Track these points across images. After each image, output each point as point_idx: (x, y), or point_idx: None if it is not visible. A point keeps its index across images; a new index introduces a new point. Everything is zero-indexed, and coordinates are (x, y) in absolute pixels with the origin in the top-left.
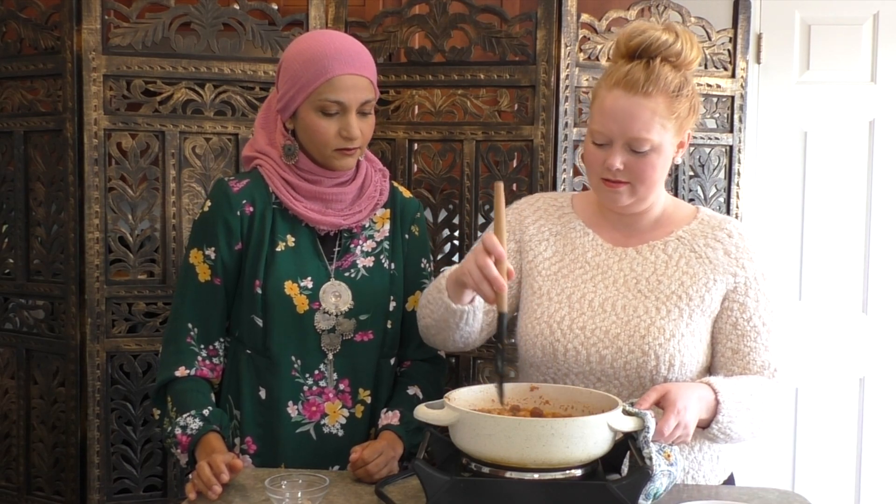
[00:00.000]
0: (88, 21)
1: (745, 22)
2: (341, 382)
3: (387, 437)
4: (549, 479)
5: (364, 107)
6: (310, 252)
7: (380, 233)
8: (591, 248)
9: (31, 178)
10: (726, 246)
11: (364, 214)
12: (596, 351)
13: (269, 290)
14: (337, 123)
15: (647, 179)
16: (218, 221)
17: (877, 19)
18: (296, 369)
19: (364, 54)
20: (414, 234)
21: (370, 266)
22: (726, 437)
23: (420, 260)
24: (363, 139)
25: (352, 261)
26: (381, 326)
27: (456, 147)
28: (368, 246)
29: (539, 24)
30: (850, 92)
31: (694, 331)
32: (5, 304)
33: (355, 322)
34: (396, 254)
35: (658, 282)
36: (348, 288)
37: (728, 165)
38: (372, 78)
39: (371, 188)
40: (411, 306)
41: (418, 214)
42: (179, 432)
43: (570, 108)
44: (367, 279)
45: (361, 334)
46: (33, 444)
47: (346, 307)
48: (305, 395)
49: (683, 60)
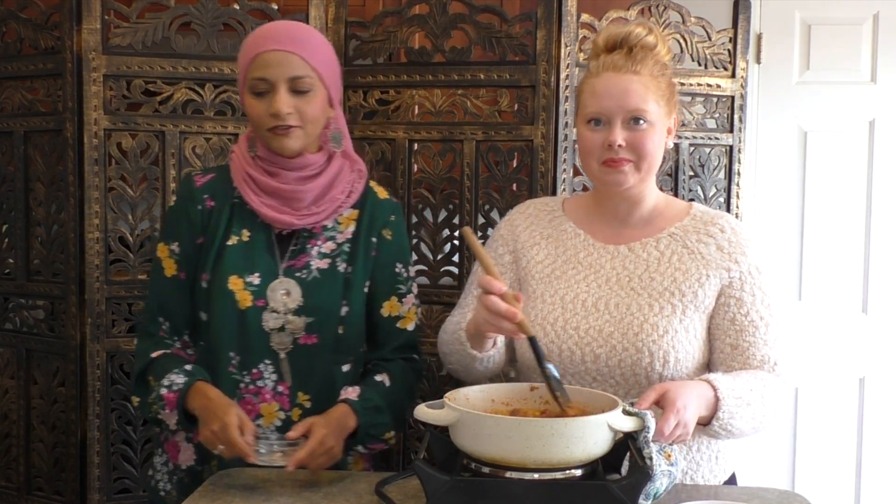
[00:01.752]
0: (88, 21)
1: (745, 22)
2: (281, 384)
3: (341, 409)
4: (549, 479)
5: (297, 83)
6: (262, 248)
7: (343, 234)
8: (583, 247)
9: (31, 178)
10: (719, 241)
11: (322, 216)
12: (590, 350)
13: (212, 283)
14: (267, 102)
15: (648, 154)
16: (181, 216)
17: (877, 19)
18: (234, 366)
19: (297, 32)
20: (385, 237)
21: (324, 268)
22: (728, 433)
23: (394, 265)
24: (302, 118)
25: (306, 261)
26: (329, 331)
27: (456, 147)
28: (327, 247)
29: (539, 24)
30: (850, 92)
31: (688, 327)
32: (5, 304)
33: (303, 323)
34: (357, 257)
35: (651, 279)
36: (298, 287)
37: (728, 165)
38: (306, 55)
39: (338, 188)
40: (387, 312)
41: (392, 217)
42: (165, 391)
43: (570, 108)
44: (318, 281)
45: (306, 337)
46: (33, 444)
47: (295, 305)
48: (241, 392)
49: (658, 52)
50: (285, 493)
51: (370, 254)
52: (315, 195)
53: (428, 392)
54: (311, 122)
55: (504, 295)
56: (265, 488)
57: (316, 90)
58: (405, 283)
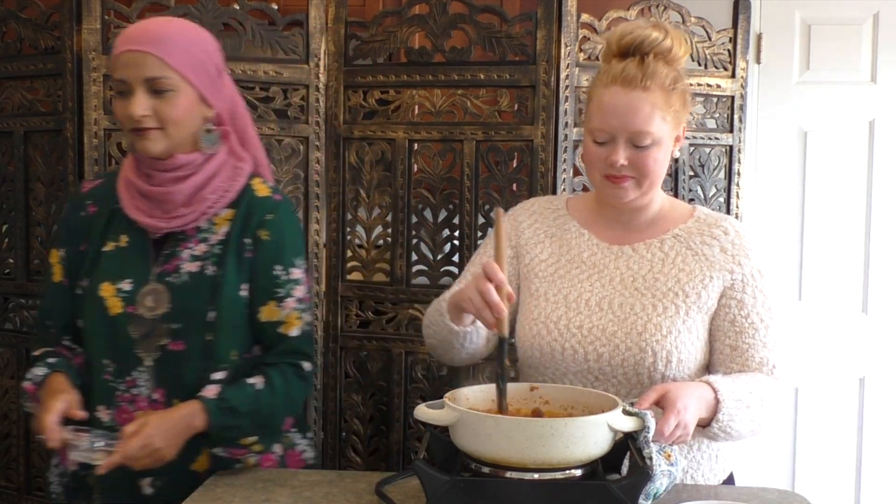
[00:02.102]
0: (88, 21)
1: (745, 22)
2: (156, 392)
3: (188, 408)
4: (549, 479)
5: (155, 84)
6: (137, 253)
7: (216, 236)
8: (587, 247)
9: (31, 178)
10: (723, 243)
11: (190, 218)
12: (593, 349)
13: (87, 290)
14: (127, 104)
15: (650, 173)
16: (65, 222)
17: (877, 19)
18: (109, 374)
19: (158, 32)
20: (262, 238)
21: (194, 272)
22: (727, 435)
23: (272, 267)
24: (161, 120)
25: (177, 265)
26: (196, 338)
27: (456, 147)
28: (200, 250)
29: (539, 24)
30: (850, 92)
31: (691, 328)
32: (5, 304)
33: (169, 329)
34: (228, 260)
35: (654, 279)
36: (167, 291)
37: (728, 165)
38: (165, 55)
39: (211, 188)
40: (265, 317)
41: (269, 216)
42: (27, 384)
43: (570, 108)
44: (187, 286)
45: (174, 343)
46: (33, 444)
47: (161, 311)
48: (117, 400)
49: (674, 56)
50: (285, 493)
51: (244, 255)
52: (186, 196)
53: (428, 392)
54: (174, 124)
55: (501, 288)
56: (265, 488)
57: (179, 91)
58: (284, 287)
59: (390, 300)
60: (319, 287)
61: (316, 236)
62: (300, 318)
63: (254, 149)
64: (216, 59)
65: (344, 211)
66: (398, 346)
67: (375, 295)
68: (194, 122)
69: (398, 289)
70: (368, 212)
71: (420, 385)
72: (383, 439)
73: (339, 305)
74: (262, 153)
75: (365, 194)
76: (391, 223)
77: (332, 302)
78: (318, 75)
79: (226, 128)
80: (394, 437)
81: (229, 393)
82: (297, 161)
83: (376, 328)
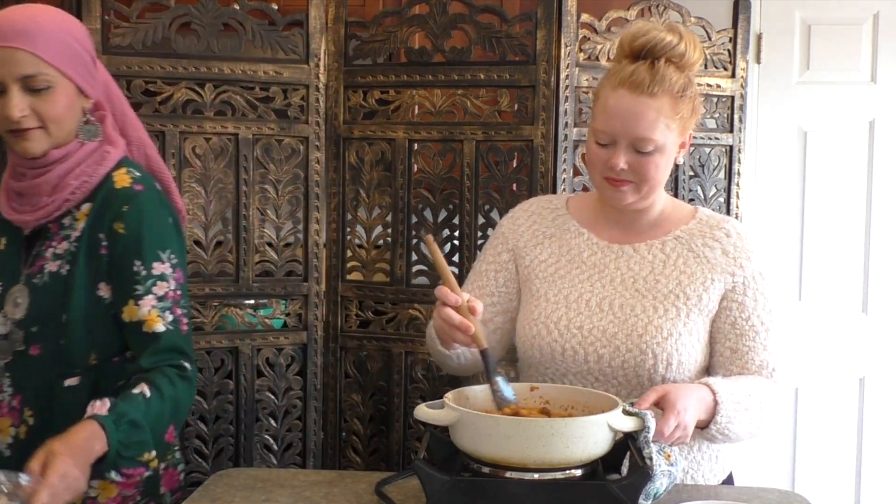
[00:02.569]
0: (88, 21)
1: (745, 22)
2: (15, 398)
3: (87, 430)
4: (549, 479)
5: (30, 82)
6: (11, 254)
7: (76, 232)
8: (587, 247)
9: None
10: (724, 245)
11: (51, 209)
12: (594, 350)
13: None
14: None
15: (650, 179)
16: None
17: (877, 19)
18: None
19: (26, 24)
20: (117, 232)
21: (54, 272)
22: (725, 437)
23: (131, 263)
24: (41, 119)
25: (41, 265)
26: (51, 342)
27: (456, 147)
28: (62, 248)
29: (539, 24)
30: (850, 92)
31: (691, 330)
32: None
33: (24, 333)
34: (79, 258)
35: (656, 281)
36: (29, 294)
37: (728, 165)
38: (36, 50)
39: (74, 174)
40: (128, 317)
41: (125, 208)
42: None
43: (570, 108)
44: (46, 287)
45: (34, 347)
46: None
47: (20, 315)
48: None
49: (687, 61)
50: (285, 493)
51: (98, 252)
52: (50, 188)
53: (428, 392)
54: (55, 122)
55: (460, 307)
56: (265, 488)
57: (57, 86)
58: (143, 283)
59: (390, 300)
60: (320, 287)
61: (316, 236)
62: (160, 317)
63: (133, 129)
64: (88, 46)
65: (344, 211)
66: (398, 346)
67: (375, 295)
68: (75, 117)
69: (398, 289)
70: (368, 212)
71: (420, 385)
72: (383, 439)
73: (339, 305)
74: (143, 133)
75: (365, 194)
76: (391, 223)
77: (332, 302)
78: (318, 75)
79: (102, 112)
80: (394, 437)
81: (123, 406)
82: (297, 161)
83: (376, 328)
